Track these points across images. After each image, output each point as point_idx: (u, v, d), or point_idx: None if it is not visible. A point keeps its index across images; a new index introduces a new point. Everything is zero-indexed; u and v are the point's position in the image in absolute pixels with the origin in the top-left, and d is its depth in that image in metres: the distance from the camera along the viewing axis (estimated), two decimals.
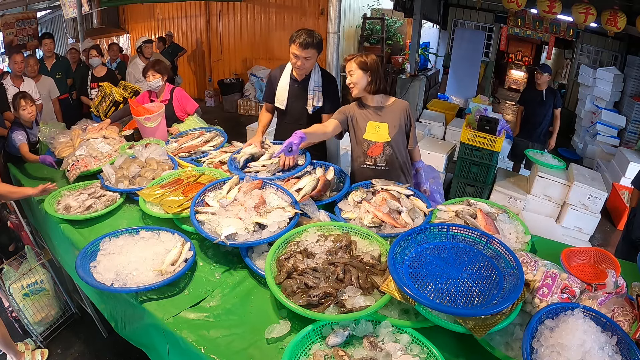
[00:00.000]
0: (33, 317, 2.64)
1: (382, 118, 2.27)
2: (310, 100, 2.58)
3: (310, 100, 2.58)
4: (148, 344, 1.64)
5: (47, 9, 9.17)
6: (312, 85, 2.56)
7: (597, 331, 1.23)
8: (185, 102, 3.26)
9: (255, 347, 1.34)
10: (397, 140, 2.29)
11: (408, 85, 6.53)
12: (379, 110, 2.27)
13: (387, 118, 2.27)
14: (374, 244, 1.67)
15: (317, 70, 2.57)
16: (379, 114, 2.27)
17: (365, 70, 2.18)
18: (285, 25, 7.77)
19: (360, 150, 2.33)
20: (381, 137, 2.27)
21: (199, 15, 8.59)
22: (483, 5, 7.31)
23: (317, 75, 2.57)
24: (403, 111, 2.28)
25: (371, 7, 8.13)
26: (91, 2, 6.78)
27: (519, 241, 1.78)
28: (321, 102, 2.59)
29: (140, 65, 5.14)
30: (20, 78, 4.04)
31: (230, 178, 2.03)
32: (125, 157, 2.42)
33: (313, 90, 2.56)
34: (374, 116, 2.28)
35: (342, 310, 1.36)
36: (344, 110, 2.32)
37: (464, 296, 1.33)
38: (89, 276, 1.61)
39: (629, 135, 5.99)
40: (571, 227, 4.15)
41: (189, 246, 1.73)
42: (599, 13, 4.54)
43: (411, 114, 2.31)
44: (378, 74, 2.20)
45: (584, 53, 7.58)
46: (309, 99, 2.58)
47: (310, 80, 2.56)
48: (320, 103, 2.59)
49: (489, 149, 4.25)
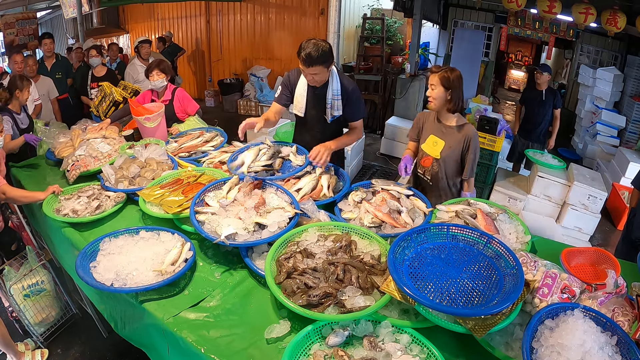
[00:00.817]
0: (34, 318, 2.63)
1: (443, 135, 2.31)
2: (329, 109, 2.43)
3: (328, 110, 2.43)
4: (148, 344, 1.64)
5: (47, 9, 9.18)
6: (330, 95, 2.39)
7: (597, 331, 1.23)
8: (186, 102, 3.26)
9: (255, 347, 1.34)
10: (448, 161, 2.32)
11: (408, 85, 6.52)
12: (445, 128, 2.31)
13: (447, 137, 2.30)
14: (374, 244, 1.67)
15: (335, 78, 2.38)
16: (443, 130, 2.32)
17: (447, 88, 2.19)
18: (285, 25, 7.77)
19: (418, 158, 2.46)
20: (434, 152, 2.35)
21: (199, 15, 8.59)
22: (483, 5, 7.30)
23: (336, 83, 2.38)
24: (465, 137, 2.26)
25: (371, 7, 8.13)
26: (91, 2, 6.79)
27: (519, 241, 1.78)
28: (340, 110, 2.44)
29: (138, 65, 5.13)
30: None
31: (230, 178, 2.03)
32: (125, 157, 2.42)
33: (331, 100, 2.40)
34: (437, 131, 2.33)
35: (342, 310, 1.36)
36: (420, 116, 2.46)
37: (464, 296, 1.34)
38: (89, 276, 1.61)
39: (629, 135, 5.99)
40: (571, 227, 4.15)
41: (188, 246, 1.73)
42: (599, 13, 4.54)
43: (474, 143, 2.26)
44: (458, 93, 2.21)
45: (584, 53, 7.58)
46: (327, 108, 2.43)
47: (329, 89, 2.38)
48: (339, 112, 2.44)
49: (489, 149, 4.25)
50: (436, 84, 2.19)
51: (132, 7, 9.31)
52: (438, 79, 2.18)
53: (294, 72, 2.50)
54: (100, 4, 7.31)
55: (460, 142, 2.26)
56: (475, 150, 2.26)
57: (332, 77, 2.37)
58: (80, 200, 2.12)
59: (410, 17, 6.77)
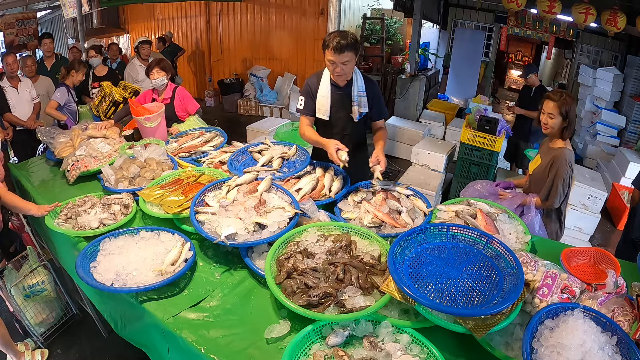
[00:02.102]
0: (34, 319, 2.63)
1: (544, 155, 2.41)
2: (355, 107, 2.32)
3: (355, 108, 2.32)
4: (148, 344, 1.64)
5: (47, 9, 9.17)
6: (356, 91, 2.30)
7: (597, 331, 1.23)
8: (187, 102, 3.26)
9: (255, 347, 1.34)
10: (535, 178, 2.42)
11: (408, 85, 6.53)
12: (548, 149, 2.37)
13: (545, 156, 2.40)
14: (374, 244, 1.67)
15: (359, 73, 2.31)
16: (546, 150, 2.39)
17: (565, 118, 2.23)
18: (285, 25, 7.77)
19: None
20: (530, 168, 2.53)
21: (199, 15, 8.58)
22: (483, 5, 7.31)
23: (360, 79, 2.31)
24: (553, 159, 2.29)
25: (371, 7, 8.12)
26: (91, 2, 6.77)
27: (519, 241, 1.78)
28: (367, 108, 2.34)
29: (138, 66, 5.13)
30: (16, 78, 4.04)
31: (230, 178, 2.03)
32: (125, 157, 2.42)
33: (357, 97, 2.30)
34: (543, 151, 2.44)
35: (342, 310, 1.36)
36: None
37: (464, 296, 1.34)
38: (89, 276, 1.61)
39: (629, 135, 5.99)
40: (571, 227, 4.15)
41: (188, 246, 1.73)
42: (599, 13, 4.54)
43: (560, 166, 2.26)
44: (574, 123, 2.26)
45: (584, 53, 7.58)
46: (353, 106, 2.32)
47: (353, 86, 2.30)
48: (366, 109, 2.34)
49: (489, 149, 4.26)
50: (555, 114, 2.23)
51: (132, 7, 9.31)
52: (557, 108, 2.21)
53: (312, 78, 2.40)
54: (100, 4, 7.29)
55: (549, 163, 2.31)
56: (556, 173, 2.25)
57: (355, 74, 2.30)
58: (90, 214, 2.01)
59: (410, 17, 6.77)
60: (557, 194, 2.27)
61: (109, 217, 1.98)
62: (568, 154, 2.25)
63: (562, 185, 2.25)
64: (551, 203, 2.30)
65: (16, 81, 4.04)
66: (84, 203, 2.09)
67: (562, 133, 2.28)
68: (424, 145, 4.98)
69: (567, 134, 2.27)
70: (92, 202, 2.10)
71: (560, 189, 2.25)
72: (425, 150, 4.82)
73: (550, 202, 2.30)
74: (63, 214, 2.05)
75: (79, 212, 2.02)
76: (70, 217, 2.02)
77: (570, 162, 2.25)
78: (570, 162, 2.25)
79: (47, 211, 2.05)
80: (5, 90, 3.96)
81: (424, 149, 4.85)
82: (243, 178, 2.02)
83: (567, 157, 2.24)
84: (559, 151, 2.27)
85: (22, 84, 4.08)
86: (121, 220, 1.96)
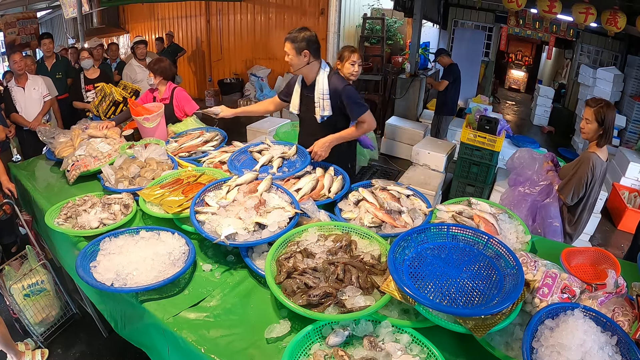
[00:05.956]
0: (34, 318, 2.63)
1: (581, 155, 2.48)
2: (318, 109, 2.44)
3: (317, 109, 2.45)
4: (148, 344, 1.64)
5: (47, 9, 9.18)
6: (317, 95, 2.41)
7: (597, 331, 1.23)
8: (184, 103, 3.24)
9: (255, 347, 1.34)
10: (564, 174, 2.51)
11: (408, 85, 6.53)
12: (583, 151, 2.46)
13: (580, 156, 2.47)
14: (374, 244, 1.67)
15: (323, 78, 2.40)
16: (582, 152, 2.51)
17: (601, 125, 2.28)
18: (285, 25, 7.77)
19: None
20: None
21: (199, 15, 8.59)
22: (483, 5, 7.32)
23: (322, 83, 2.39)
24: (581, 159, 2.39)
25: (371, 7, 8.12)
26: (91, 2, 6.78)
27: (519, 241, 1.78)
28: (330, 111, 2.43)
29: (135, 66, 5.11)
30: (23, 76, 4.03)
31: (230, 178, 2.03)
32: (125, 157, 2.41)
33: (318, 99, 2.42)
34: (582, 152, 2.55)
35: (342, 310, 1.36)
36: None
37: (464, 296, 1.33)
38: (89, 276, 1.60)
39: (629, 135, 6.00)
40: None
41: (189, 246, 1.73)
42: (599, 13, 4.55)
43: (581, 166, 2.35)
44: (611, 130, 2.30)
45: (584, 53, 7.58)
46: (315, 107, 2.45)
47: (315, 90, 2.41)
48: (329, 112, 2.43)
49: (489, 149, 4.26)
50: (591, 120, 2.29)
51: (132, 7, 9.32)
52: (594, 114, 2.27)
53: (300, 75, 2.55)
54: (100, 4, 7.31)
55: (578, 161, 2.39)
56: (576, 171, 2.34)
57: (320, 77, 2.40)
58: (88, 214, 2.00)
59: (410, 17, 6.78)
60: (570, 189, 2.37)
61: (109, 216, 1.97)
62: (594, 159, 2.32)
63: (577, 184, 2.34)
64: (564, 195, 2.43)
65: (24, 80, 4.03)
66: (84, 203, 2.08)
67: (598, 139, 2.35)
68: (424, 145, 4.98)
69: (603, 141, 2.33)
70: (92, 201, 2.09)
71: (574, 186, 2.36)
72: (425, 150, 4.82)
73: (563, 194, 2.43)
74: (63, 213, 2.05)
75: (79, 211, 2.02)
76: (70, 216, 2.02)
77: (592, 167, 2.31)
78: (594, 167, 2.31)
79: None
80: (11, 90, 3.96)
81: (424, 149, 4.85)
82: (243, 178, 2.02)
83: (592, 161, 2.32)
84: (587, 153, 2.36)
85: (30, 82, 4.07)
86: (121, 220, 1.96)
